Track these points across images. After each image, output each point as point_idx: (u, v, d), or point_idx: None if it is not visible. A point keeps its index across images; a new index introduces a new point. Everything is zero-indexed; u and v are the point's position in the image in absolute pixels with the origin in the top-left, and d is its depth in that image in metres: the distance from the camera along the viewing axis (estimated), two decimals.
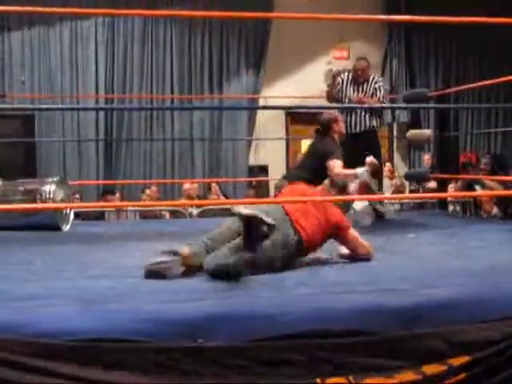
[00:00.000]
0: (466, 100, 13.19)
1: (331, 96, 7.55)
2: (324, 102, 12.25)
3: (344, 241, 4.43)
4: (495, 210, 8.97)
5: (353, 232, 4.42)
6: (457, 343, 3.08)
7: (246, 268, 3.78)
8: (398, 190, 11.49)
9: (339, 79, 7.47)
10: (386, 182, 11.62)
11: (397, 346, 3.03)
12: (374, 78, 7.43)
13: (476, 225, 7.15)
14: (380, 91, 7.31)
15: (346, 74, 7.56)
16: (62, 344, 2.85)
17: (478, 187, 8.87)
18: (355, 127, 7.19)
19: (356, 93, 7.30)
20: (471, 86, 9.82)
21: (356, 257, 4.41)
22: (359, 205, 6.06)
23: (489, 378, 3.09)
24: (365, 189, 5.40)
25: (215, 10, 10.84)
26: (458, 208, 9.53)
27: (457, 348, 3.07)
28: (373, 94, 7.29)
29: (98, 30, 12.05)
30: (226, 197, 11.28)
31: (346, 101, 7.33)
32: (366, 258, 4.40)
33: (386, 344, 3.02)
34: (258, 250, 3.83)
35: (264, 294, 3.41)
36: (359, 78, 7.36)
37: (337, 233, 4.37)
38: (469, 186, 9.01)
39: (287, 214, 4.17)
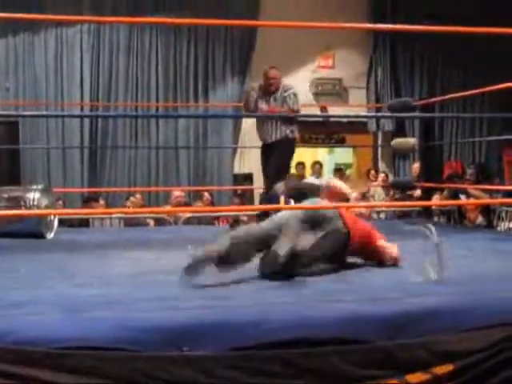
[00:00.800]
0: (450, 109, 13.24)
1: (248, 111, 7.52)
2: (310, 110, 12.32)
3: (374, 249, 4.65)
4: (480, 219, 9.00)
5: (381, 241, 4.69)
6: (440, 352, 3.08)
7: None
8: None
9: (252, 92, 7.40)
10: (379, 190, 11.64)
11: (381, 356, 3.03)
12: (284, 87, 7.32)
13: (461, 234, 7.17)
14: (290, 99, 7.19)
15: (258, 86, 7.48)
16: (46, 352, 2.83)
17: (462, 197, 8.90)
18: (270, 137, 7.18)
19: (267, 103, 7.22)
20: (456, 95, 9.86)
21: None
22: None
23: None
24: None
25: (201, 17, 10.84)
26: (442, 220, 9.55)
27: (441, 357, 3.08)
28: (283, 102, 7.19)
29: (84, 38, 12.01)
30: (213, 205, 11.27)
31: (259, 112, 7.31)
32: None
33: (371, 353, 3.03)
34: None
35: (249, 303, 3.41)
36: (271, 87, 7.27)
37: (369, 241, 4.62)
38: (454, 196, 9.04)
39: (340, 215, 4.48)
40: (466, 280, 3.91)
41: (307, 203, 4.67)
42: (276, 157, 7.16)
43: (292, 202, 5.71)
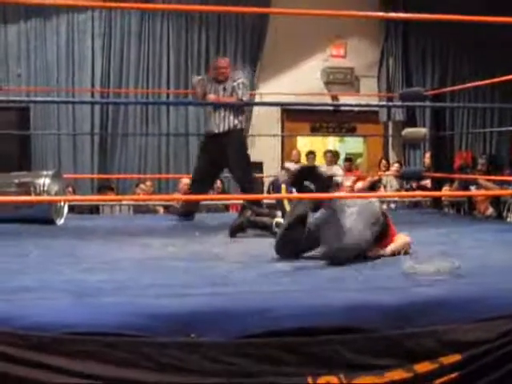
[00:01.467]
0: (461, 99, 13.21)
1: (200, 98, 7.33)
2: (320, 99, 12.29)
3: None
4: (490, 210, 8.97)
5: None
6: (448, 342, 3.08)
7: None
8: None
9: (201, 82, 7.28)
10: (392, 180, 11.60)
11: (388, 345, 3.03)
12: (233, 76, 7.24)
13: (471, 225, 7.16)
14: (239, 88, 7.08)
15: (206, 76, 7.41)
16: (54, 337, 2.84)
17: (473, 188, 8.88)
18: (217, 127, 7.03)
19: (216, 93, 7.10)
20: (467, 85, 9.83)
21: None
22: None
23: (480, 378, 3.09)
24: None
25: (212, 4, 10.82)
26: (451, 211, 9.52)
27: (448, 347, 3.07)
28: (232, 92, 7.08)
29: (95, 24, 12.03)
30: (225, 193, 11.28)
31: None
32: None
33: (378, 342, 3.02)
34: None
35: (256, 290, 3.41)
36: (220, 76, 7.16)
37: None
38: (464, 187, 9.01)
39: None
40: (475, 270, 3.90)
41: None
42: (232, 154, 7.01)
43: (294, 191, 5.67)
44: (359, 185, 11.39)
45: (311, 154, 12.82)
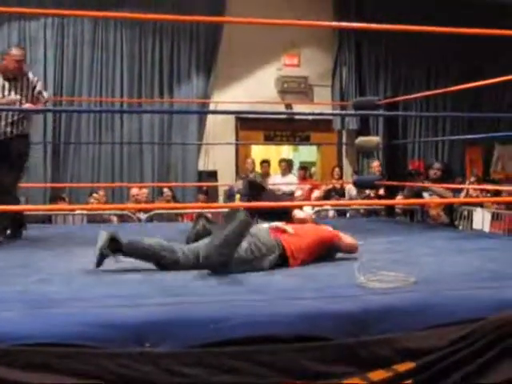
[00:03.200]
0: (414, 109, 13.36)
1: None
2: (274, 108, 12.32)
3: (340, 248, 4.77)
4: (443, 217, 9.05)
5: (343, 237, 4.79)
6: (402, 350, 3.09)
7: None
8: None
9: None
10: (354, 191, 11.63)
11: (343, 353, 3.04)
12: (31, 77, 6.26)
13: (423, 232, 7.22)
14: (42, 95, 6.28)
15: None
16: (5, 349, 2.80)
17: (426, 194, 8.96)
18: (3, 133, 6.11)
19: (10, 92, 6.11)
20: (420, 94, 9.92)
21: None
22: None
23: None
24: None
25: (166, 13, 10.80)
26: (405, 219, 9.59)
27: (402, 355, 3.09)
28: (33, 94, 6.16)
29: (47, 32, 11.93)
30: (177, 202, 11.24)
31: None
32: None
33: (333, 350, 3.03)
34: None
35: (211, 299, 3.40)
36: (12, 71, 6.11)
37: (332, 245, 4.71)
38: (417, 193, 9.09)
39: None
40: (427, 278, 3.93)
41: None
42: (12, 159, 6.19)
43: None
44: (316, 194, 11.44)
45: (265, 162, 12.85)
